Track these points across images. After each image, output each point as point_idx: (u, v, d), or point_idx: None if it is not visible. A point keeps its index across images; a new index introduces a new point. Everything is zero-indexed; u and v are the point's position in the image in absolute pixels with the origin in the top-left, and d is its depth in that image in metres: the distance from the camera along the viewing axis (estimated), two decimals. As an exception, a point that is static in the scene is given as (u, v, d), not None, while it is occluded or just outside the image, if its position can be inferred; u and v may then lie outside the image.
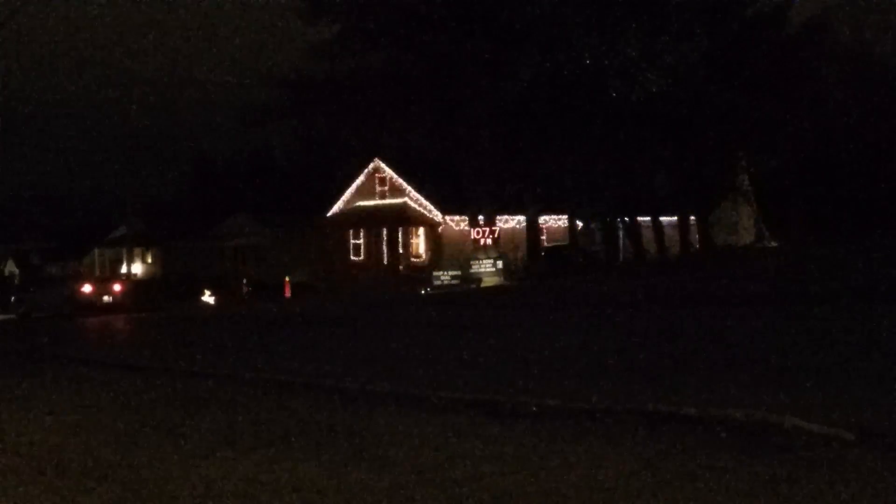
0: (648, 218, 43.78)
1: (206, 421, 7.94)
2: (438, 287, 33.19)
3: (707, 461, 5.66)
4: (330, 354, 12.97)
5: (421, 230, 37.36)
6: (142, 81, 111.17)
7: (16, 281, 58.94)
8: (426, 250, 37.39)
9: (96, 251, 59.92)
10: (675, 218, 46.16)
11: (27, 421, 8.35)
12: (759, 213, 51.45)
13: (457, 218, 36.99)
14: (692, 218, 47.67)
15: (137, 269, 53.45)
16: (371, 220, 38.29)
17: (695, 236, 48.23)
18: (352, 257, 39.87)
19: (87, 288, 35.46)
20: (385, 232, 38.15)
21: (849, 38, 53.08)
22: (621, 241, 42.13)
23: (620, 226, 41.85)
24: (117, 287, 36.25)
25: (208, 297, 35.16)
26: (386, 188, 39.44)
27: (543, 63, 31.89)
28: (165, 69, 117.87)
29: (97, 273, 56.67)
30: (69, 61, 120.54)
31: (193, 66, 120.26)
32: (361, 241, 39.68)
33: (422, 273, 35.63)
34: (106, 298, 34.97)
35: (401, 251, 36.76)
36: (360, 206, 40.22)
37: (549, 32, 31.30)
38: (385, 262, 38.14)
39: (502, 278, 35.15)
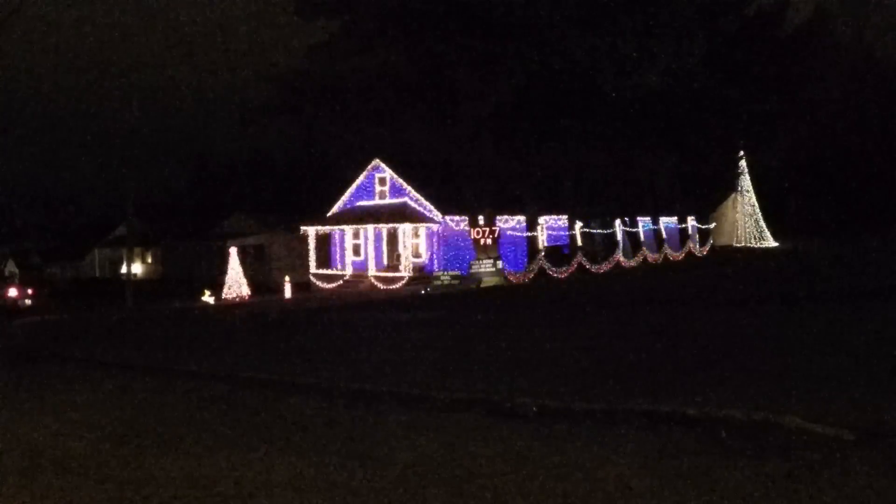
0: (648, 218, 43.76)
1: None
2: (438, 287, 33.16)
3: (707, 461, 5.66)
4: (331, 356, 12.95)
5: (421, 230, 37.29)
6: (141, 80, 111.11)
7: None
8: (426, 250, 37.32)
9: (96, 251, 59.88)
10: (675, 218, 46.17)
11: None
12: (759, 213, 51.52)
13: (457, 218, 36.91)
14: (692, 218, 47.69)
15: (137, 269, 53.37)
16: (371, 220, 38.20)
17: (695, 236, 48.27)
18: (352, 257, 39.84)
19: (12, 292, 34.84)
20: (385, 232, 38.10)
21: (849, 38, 53.20)
22: (621, 242, 42.09)
23: (620, 226, 41.83)
24: (30, 290, 35.65)
25: (208, 297, 35.15)
26: (386, 188, 39.37)
27: (540, 61, 31.83)
28: (165, 68, 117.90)
29: (98, 273, 56.66)
30: (69, 60, 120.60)
31: (193, 65, 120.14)
32: (361, 241, 39.62)
33: (422, 273, 35.61)
34: (28, 302, 34.47)
35: (401, 251, 36.69)
36: (359, 206, 40.17)
37: (545, 30, 31.23)
38: (385, 262, 38.09)
39: (502, 278, 35.11)
